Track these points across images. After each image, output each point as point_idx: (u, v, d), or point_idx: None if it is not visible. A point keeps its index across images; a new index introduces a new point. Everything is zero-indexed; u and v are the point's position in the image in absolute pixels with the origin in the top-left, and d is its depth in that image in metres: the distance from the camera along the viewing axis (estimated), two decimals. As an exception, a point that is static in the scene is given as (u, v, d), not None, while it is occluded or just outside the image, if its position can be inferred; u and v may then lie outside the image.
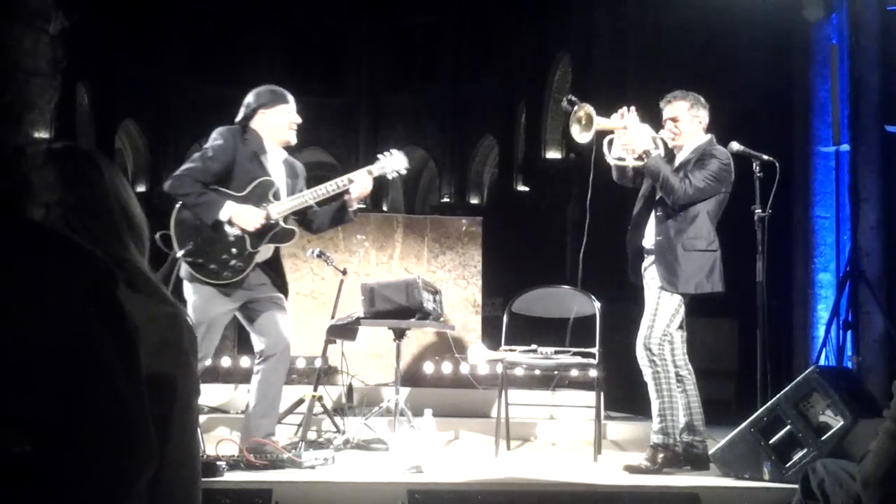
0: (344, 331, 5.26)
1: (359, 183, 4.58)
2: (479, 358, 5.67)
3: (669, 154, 4.81)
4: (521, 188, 18.53)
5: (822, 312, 8.24)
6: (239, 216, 4.37)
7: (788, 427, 4.10)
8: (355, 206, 4.65)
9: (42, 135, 1.05)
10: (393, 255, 7.19)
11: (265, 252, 4.49)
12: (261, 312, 4.44)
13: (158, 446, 1.06)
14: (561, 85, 16.88)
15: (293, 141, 4.62)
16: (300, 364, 6.48)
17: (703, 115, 4.78)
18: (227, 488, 3.57)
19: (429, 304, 5.13)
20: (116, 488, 0.99)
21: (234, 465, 3.95)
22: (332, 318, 5.28)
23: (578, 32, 14.26)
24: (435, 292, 5.32)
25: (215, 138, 4.48)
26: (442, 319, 5.36)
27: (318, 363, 5.40)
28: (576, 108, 4.70)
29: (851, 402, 4.05)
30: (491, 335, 6.50)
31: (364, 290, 5.20)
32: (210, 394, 5.86)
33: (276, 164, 4.58)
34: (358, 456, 4.74)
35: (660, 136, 4.80)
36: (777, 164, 4.77)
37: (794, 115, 8.80)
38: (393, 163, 4.67)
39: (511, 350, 5.27)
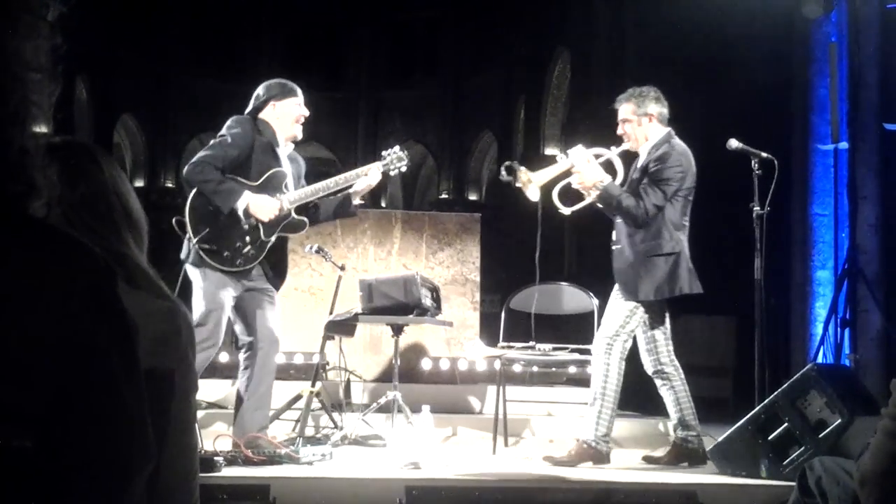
0: (342, 326, 5.26)
1: (370, 177, 4.63)
2: (477, 354, 5.67)
3: (631, 155, 4.77)
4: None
5: (820, 310, 8.25)
6: (256, 206, 4.40)
7: (786, 424, 4.10)
8: (358, 200, 4.69)
9: (42, 128, 1.05)
10: (391, 251, 7.19)
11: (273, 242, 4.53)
12: (254, 304, 4.45)
13: (156, 442, 1.06)
14: (560, 81, 16.87)
15: (299, 135, 4.66)
16: (298, 360, 6.48)
17: (653, 110, 4.68)
18: (224, 484, 3.57)
19: (427, 301, 5.12)
20: (115, 484, 0.99)
21: (231, 460, 3.95)
22: (331, 313, 5.28)
23: (578, 29, 14.26)
24: (433, 288, 5.32)
25: (232, 126, 4.51)
26: (440, 316, 5.36)
27: (315, 359, 5.40)
28: (514, 175, 4.70)
29: (849, 400, 4.06)
30: (489, 332, 6.50)
31: (362, 286, 5.20)
32: (208, 389, 5.86)
33: (284, 156, 4.63)
34: (355, 452, 4.74)
35: (614, 152, 4.76)
36: (776, 162, 4.77)
37: (793, 113, 8.79)
38: (398, 160, 4.72)
39: (509, 347, 5.27)
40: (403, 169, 4.77)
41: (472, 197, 22.51)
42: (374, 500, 3.73)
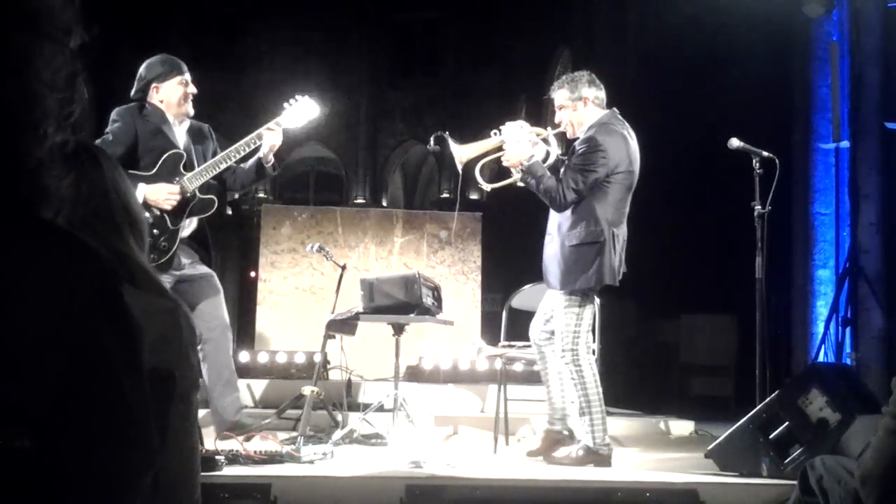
0: (343, 326, 5.26)
1: (269, 137, 4.51)
2: (479, 353, 5.67)
3: (570, 141, 4.68)
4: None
5: (822, 309, 8.25)
6: (153, 196, 4.28)
7: (787, 423, 4.09)
8: (272, 160, 4.58)
9: (57, 139, 1.07)
10: (392, 250, 7.19)
11: (189, 226, 4.45)
12: (192, 294, 4.36)
13: (159, 441, 1.07)
14: (561, 80, 16.85)
15: (191, 112, 4.55)
16: (299, 359, 6.48)
17: (588, 93, 4.54)
18: (225, 482, 3.57)
19: (428, 300, 5.12)
20: (119, 485, 0.99)
21: (232, 459, 3.94)
22: (332, 312, 5.28)
23: (579, 28, 14.27)
24: (434, 287, 5.32)
25: (114, 120, 4.41)
26: (441, 315, 5.35)
27: (317, 358, 5.40)
28: (442, 146, 4.69)
29: (850, 399, 4.06)
30: (490, 331, 6.50)
31: (363, 285, 5.20)
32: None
33: (181, 134, 4.52)
34: (357, 451, 4.74)
35: (550, 132, 4.70)
36: (777, 161, 4.76)
37: (795, 112, 8.80)
38: (300, 110, 4.59)
39: (510, 346, 5.27)
40: (314, 117, 4.62)
41: (473, 196, 22.50)
42: (375, 499, 3.74)
